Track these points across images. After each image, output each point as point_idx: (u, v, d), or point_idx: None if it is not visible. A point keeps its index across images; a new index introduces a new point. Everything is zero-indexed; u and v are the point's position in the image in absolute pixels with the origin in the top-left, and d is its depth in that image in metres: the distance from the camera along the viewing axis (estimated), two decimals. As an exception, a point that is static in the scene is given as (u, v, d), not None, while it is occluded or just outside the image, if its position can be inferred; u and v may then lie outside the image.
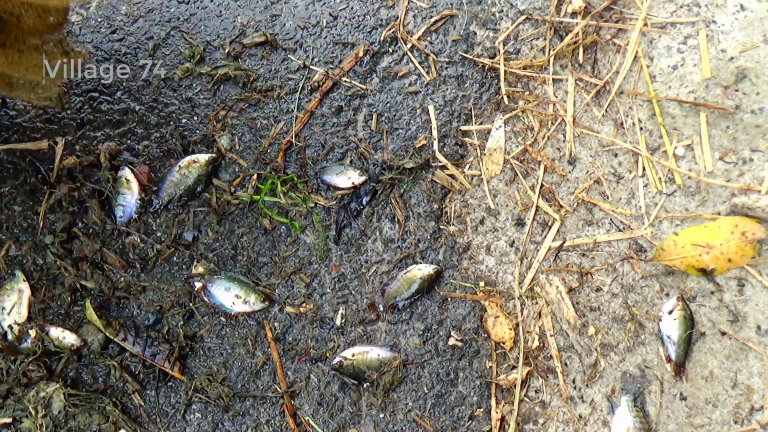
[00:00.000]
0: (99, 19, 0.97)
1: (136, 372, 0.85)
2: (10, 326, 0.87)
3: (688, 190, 0.84)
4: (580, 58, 0.90)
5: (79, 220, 0.89)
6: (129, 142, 0.91)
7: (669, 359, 0.81)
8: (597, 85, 0.88)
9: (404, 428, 0.82)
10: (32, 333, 0.86)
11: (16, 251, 0.89)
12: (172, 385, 0.84)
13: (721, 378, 0.79)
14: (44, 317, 0.86)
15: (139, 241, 0.88)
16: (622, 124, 0.87)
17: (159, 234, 0.88)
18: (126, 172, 0.89)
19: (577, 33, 0.90)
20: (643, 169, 0.86)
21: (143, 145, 0.91)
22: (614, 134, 0.87)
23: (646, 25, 0.90)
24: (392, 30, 0.94)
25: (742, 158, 0.84)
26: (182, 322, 0.85)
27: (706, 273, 0.82)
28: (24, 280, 0.88)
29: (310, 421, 0.82)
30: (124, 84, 0.92)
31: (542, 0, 0.93)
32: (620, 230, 0.84)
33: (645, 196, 0.85)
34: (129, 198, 0.89)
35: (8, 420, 0.84)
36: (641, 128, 0.86)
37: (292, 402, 0.83)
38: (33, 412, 0.83)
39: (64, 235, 0.88)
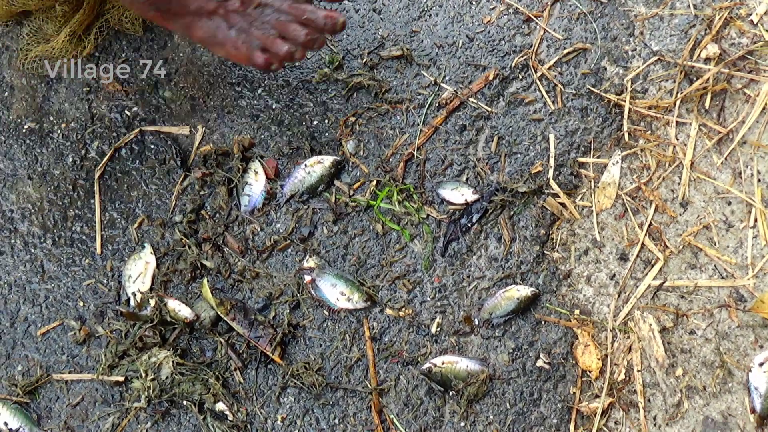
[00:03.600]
0: None
1: (240, 351, 1.39)
2: (133, 293, 1.44)
3: (798, 246, 1.30)
4: (707, 104, 1.39)
5: (208, 204, 1.47)
6: (262, 136, 1.50)
7: (753, 410, 1.26)
8: (720, 132, 1.37)
9: (483, 439, 1.32)
10: (152, 302, 1.43)
11: (147, 225, 1.48)
12: (271, 368, 1.38)
13: (803, 432, 1.24)
14: (165, 289, 1.44)
15: (259, 229, 1.44)
16: (740, 173, 1.35)
17: (278, 226, 1.44)
18: (256, 164, 1.46)
19: (708, 79, 1.39)
20: (755, 221, 1.32)
21: (275, 141, 1.49)
22: (731, 183, 1.35)
23: None
24: (524, 57, 1.48)
25: None
26: (288, 311, 1.39)
27: (804, 329, 1.28)
28: (152, 253, 1.46)
29: (395, 420, 1.34)
30: (265, 82, 1.51)
31: (677, 43, 1.43)
32: (723, 277, 1.32)
33: (753, 247, 1.32)
34: (255, 189, 1.46)
35: (121, 378, 1.40)
36: (759, 180, 1.34)
37: (380, 399, 1.35)
38: (143, 374, 1.40)
39: (192, 216, 1.46)
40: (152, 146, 1.46)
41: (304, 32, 1.25)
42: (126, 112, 1.47)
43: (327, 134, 1.41)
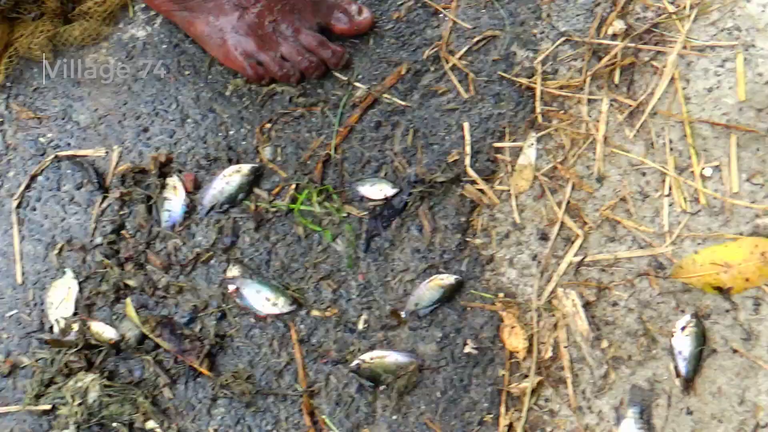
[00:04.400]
0: (162, 36, 1.77)
1: (168, 367, 1.54)
2: (56, 320, 1.60)
3: (712, 210, 1.48)
4: (617, 79, 1.57)
5: (128, 223, 1.65)
6: (179, 151, 1.68)
7: (679, 374, 1.40)
8: (631, 105, 1.54)
9: (415, 431, 1.47)
10: (75, 327, 1.58)
11: (68, 251, 1.65)
12: (200, 381, 1.53)
13: (728, 394, 1.39)
14: (89, 313, 1.59)
15: (181, 244, 1.61)
16: (652, 144, 1.53)
17: (200, 238, 1.61)
18: (174, 179, 1.63)
19: (616, 54, 1.57)
20: (670, 189, 1.49)
21: (192, 155, 1.67)
22: (644, 154, 1.52)
23: (685, 48, 1.56)
24: (435, 49, 1.66)
25: None
26: (214, 322, 1.54)
27: (723, 291, 1.44)
28: (73, 278, 1.62)
29: (327, 420, 1.49)
30: (179, 98, 1.70)
31: (584, 22, 1.62)
32: (642, 247, 1.48)
33: (669, 215, 1.48)
34: (175, 204, 1.62)
35: (48, 407, 1.53)
36: (671, 149, 1.52)
37: (311, 401, 1.50)
38: (70, 400, 1.55)
39: (113, 237, 1.61)
40: (69, 171, 1.62)
41: (308, 60, 1.53)
42: (40, 139, 1.64)
43: (244, 143, 1.59)
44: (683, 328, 1.34)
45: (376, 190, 1.49)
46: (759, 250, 1.33)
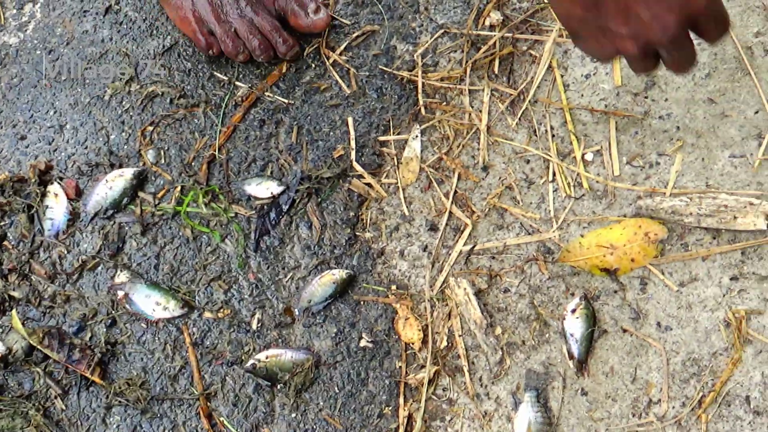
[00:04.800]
0: (35, 41, 1.75)
1: (59, 378, 1.54)
2: None
3: (595, 193, 1.53)
4: (496, 69, 1.61)
5: (10, 234, 1.63)
6: (59, 158, 1.67)
7: (572, 356, 1.47)
8: (512, 94, 1.60)
9: (315, 427, 1.50)
10: None
11: None
12: (93, 390, 1.53)
13: (621, 373, 1.46)
14: None
15: (66, 252, 1.60)
16: (535, 131, 1.58)
17: (85, 245, 1.60)
18: (55, 187, 1.62)
19: (494, 44, 1.61)
20: (554, 175, 1.55)
21: (73, 161, 1.66)
22: (527, 142, 1.57)
23: (561, 36, 1.62)
24: (315, 46, 1.69)
25: (649, 162, 1.54)
26: (105, 330, 1.54)
27: (610, 273, 1.50)
28: None
29: (225, 422, 1.51)
30: (56, 104, 1.69)
31: (461, 14, 1.66)
32: (529, 233, 1.53)
33: (554, 201, 1.54)
34: (57, 211, 1.61)
35: None
36: (553, 135, 1.57)
37: (208, 404, 1.51)
38: None
39: None
40: (-57, 183, 1.59)
41: (258, 41, 1.54)
42: None
43: (126, 147, 1.59)
44: (573, 311, 1.42)
45: (263, 188, 1.52)
46: (642, 231, 1.41)
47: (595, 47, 1.03)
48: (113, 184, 1.53)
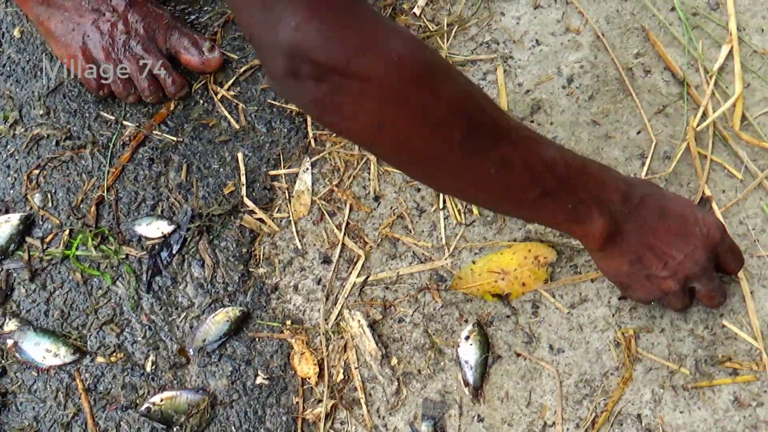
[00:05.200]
0: None
1: None
2: None
3: (485, 219, 1.57)
4: (384, 99, 1.66)
5: None
6: None
7: (467, 383, 1.50)
8: (399, 124, 1.64)
9: (213, 467, 1.51)
10: None
11: None
12: (-16, 444, 1.53)
13: (516, 398, 1.49)
14: None
15: None
16: (382, 160, 1.60)
17: (-29, 295, 1.60)
18: None
19: None
20: (444, 202, 1.58)
21: None
22: (416, 171, 1.61)
23: None
24: (203, 82, 1.71)
25: None
26: None
27: (502, 298, 1.53)
28: None
29: (121, 468, 1.51)
30: None
31: None
32: (422, 262, 1.56)
33: (446, 228, 1.57)
34: None
35: None
36: (442, 163, 1.61)
37: (104, 451, 1.52)
38: None
39: None
40: None
41: (147, 84, 1.59)
42: None
43: (12, 192, 1.59)
44: (467, 338, 1.45)
45: (153, 228, 1.54)
46: (532, 255, 1.46)
47: (642, 293, 1.25)
48: (-1, 230, 1.52)
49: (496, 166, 1.01)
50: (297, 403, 1.47)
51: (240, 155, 1.59)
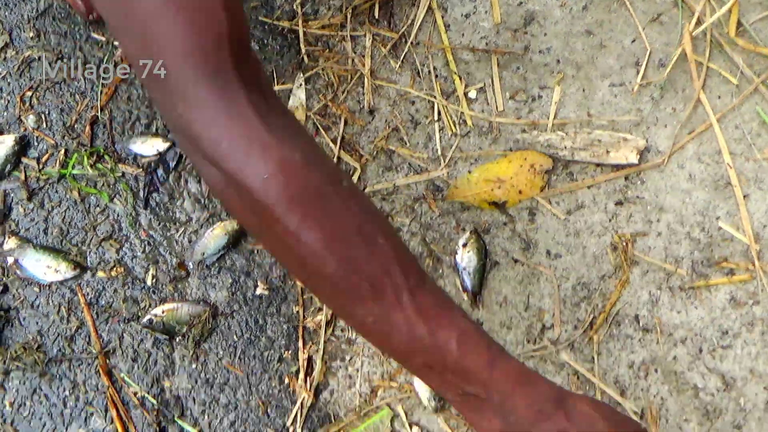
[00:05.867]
0: None
1: None
2: None
3: (481, 130, 1.61)
4: (377, 13, 1.68)
5: None
6: None
7: (465, 289, 1.54)
8: (393, 38, 1.67)
9: (216, 375, 1.56)
10: None
11: None
12: (-11, 356, 1.58)
13: (514, 302, 1.54)
14: None
15: None
16: (418, 73, 1.65)
17: (-31, 216, 1.64)
18: None
19: None
20: (439, 114, 1.62)
21: None
22: (411, 84, 1.65)
23: None
24: None
25: (532, 96, 1.62)
26: None
27: (499, 206, 1.57)
28: None
29: (125, 377, 1.56)
30: None
31: None
32: (418, 173, 1.60)
33: (441, 139, 1.62)
34: None
35: None
36: (436, 76, 1.64)
37: (107, 361, 1.57)
38: None
39: None
40: None
41: None
42: None
43: (6, 114, 1.63)
44: (465, 245, 1.50)
45: (149, 146, 1.60)
46: (528, 163, 1.49)
47: None
48: (-6, 152, 1.56)
49: (373, 317, 0.98)
50: (297, 312, 1.51)
51: (232, 72, 1.61)
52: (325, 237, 0.96)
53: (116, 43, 1.66)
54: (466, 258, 1.50)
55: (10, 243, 1.56)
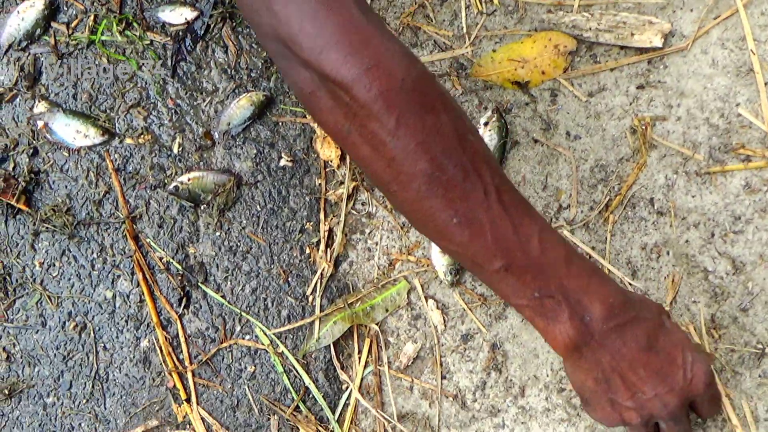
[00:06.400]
0: None
1: None
2: None
3: (507, 9, 1.63)
4: None
5: None
6: None
7: (485, 166, 1.60)
8: None
9: (239, 243, 1.63)
10: None
11: None
12: (20, 217, 1.64)
13: (533, 182, 1.58)
14: None
15: None
16: (446, -51, 1.67)
17: (1, 78, 1.70)
18: None
19: None
20: (466, -9, 1.65)
21: None
22: (439, -41, 1.67)
23: None
24: None
25: None
26: (27, 159, 1.66)
27: (521, 86, 1.61)
28: None
29: (151, 242, 1.63)
30: None
31: None
32: (443, 50, 1.64)
33: (467, 17, 1.64)
34: None
35: None
36: (465, -48, 1.66)
37: (134, 226, 1.63)
38: None
39: None
40: None
41: None
42: None
43: (35, -23, 1.65)
44: (486, 124, 1.54)
45: (177, 14, 1.64)
46: (552, 44, 1.52)
47: (602, 415, 1.11)
48: (25, 15, 1.61)
49: (458, 217, 0.99)
50: (320, 184, 1.57)
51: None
52: (423, 134, 0.96)
53: None
54: (487, 136, 1.53)
55: (40, 107, 1.61)
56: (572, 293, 1.02)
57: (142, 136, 1.59)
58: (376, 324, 1.50)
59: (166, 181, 1.58)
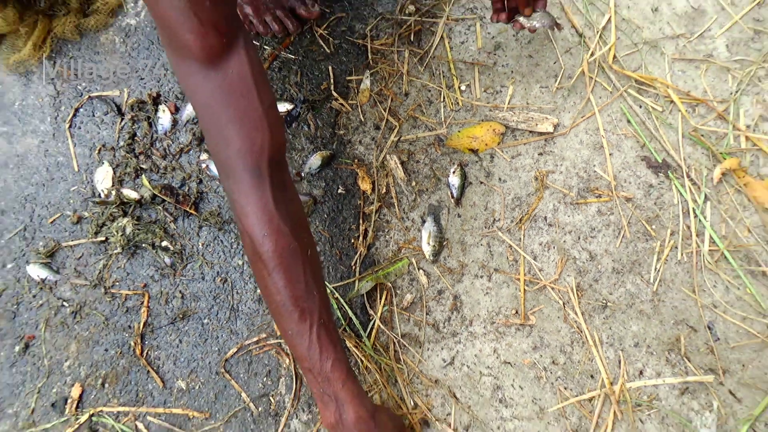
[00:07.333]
0: (147, 21, 1.90)
1: (171, 212, 1.75)
2: (102, 190, 1.78)
3: (466, 108, 1.74)
4: (412, 38, 1.81)
5: (138, 132, 1.80)
6: (164, 89, 1.83)
7: (453, 197, 1.69)
8: (420, 53, 1.79)
9: (316, 235, 1.72)
10: (113, 193, 1.76)
11: (103, 151, 1.80)
12: (191, 218, 1.73)
13: (479, 205, 1.68)
14: (121, 185, 1.78)
15: (171, 143, 1.78)
16: (433, 74, 1.78)
17: (182, 139, 1.78)
18: (163, 106, 1.79)
19: (411, 24, 1.81)
20: (444, 98, 1.76)
21: (172, 91, 1.82)
22: (429, 79, 1.78)
23: (448, 19, 1.81)
24: (309, 25, 1.86)
25: (496, 91, 1.74)
26: (196, 185, 1.75)
27: (474, 152, 1.72)
28: (109, 166, 1.79)
29: (265, 234, 1.72)
30: (163, 54, 1.84)
31: (392, 6, 1.84)
32: (430, 130, 1.74)
33: (444, 112, 1.75)
34: (164, 120, 1.79)
35: (103, 238, 1.74)
36: (444, 75, 1.77)
37: (255, 225, 1.73)
38: (116, 233, 1.74)
39: (129, 140, 1.79)
40: (98, 104, 1.77)
41: (277, 27, 1.69)
42: (78, 86, 1.76)
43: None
44: (454, 172, 1.61)
45: (282, 107, 1.72)
46: (492, 128, 1.63)
47: None
48: (197, 104, 1.68)
49: (291, 331, 1.00)
50: (360, 203, 1.66)
51: (330, 67, 1.76)
52: (288, 284, 0.98)
53: (265, 47, 1.75)
54: (454, 179, 1.62)
55: (204, 155, 1.71)
56: (340, 400, 1.01)
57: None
58: (390, 283, 1.58)
59: (274, 199, 1.64)
